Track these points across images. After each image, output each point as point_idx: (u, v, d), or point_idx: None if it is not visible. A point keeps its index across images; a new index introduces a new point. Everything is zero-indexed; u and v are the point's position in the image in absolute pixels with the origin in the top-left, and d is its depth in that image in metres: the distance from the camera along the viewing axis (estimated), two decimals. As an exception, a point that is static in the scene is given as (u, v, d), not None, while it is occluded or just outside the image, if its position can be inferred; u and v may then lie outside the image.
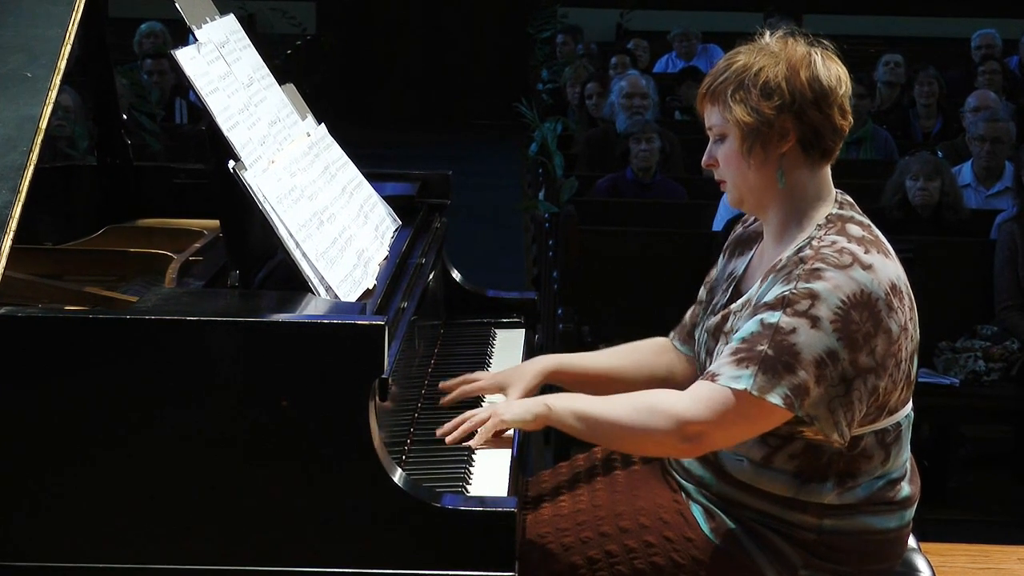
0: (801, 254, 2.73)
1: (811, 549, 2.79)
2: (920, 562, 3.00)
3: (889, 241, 2.84)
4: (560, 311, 6.29)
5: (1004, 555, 4.00)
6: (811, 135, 2.78)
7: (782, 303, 2.68)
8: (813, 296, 2.66)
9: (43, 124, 2.90)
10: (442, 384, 3.20)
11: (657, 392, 2.84)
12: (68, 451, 2.63)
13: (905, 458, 2.87)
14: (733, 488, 2.82)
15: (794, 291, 2.67)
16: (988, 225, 6.67)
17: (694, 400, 2.72)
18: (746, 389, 2.67)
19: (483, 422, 2.91)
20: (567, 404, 2.85)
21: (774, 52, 2.79)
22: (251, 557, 2.64)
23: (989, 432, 6.73)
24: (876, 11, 14.41)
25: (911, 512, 2.87)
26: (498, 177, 12.79)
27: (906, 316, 2.75)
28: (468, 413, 2.96)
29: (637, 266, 6.40)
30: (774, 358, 2.66)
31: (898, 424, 2.81)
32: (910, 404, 2.85)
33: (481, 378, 3.19)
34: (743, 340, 2.71)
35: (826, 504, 2.78)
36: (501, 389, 3.14)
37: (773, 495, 2.79)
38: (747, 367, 2.68)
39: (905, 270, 2.81)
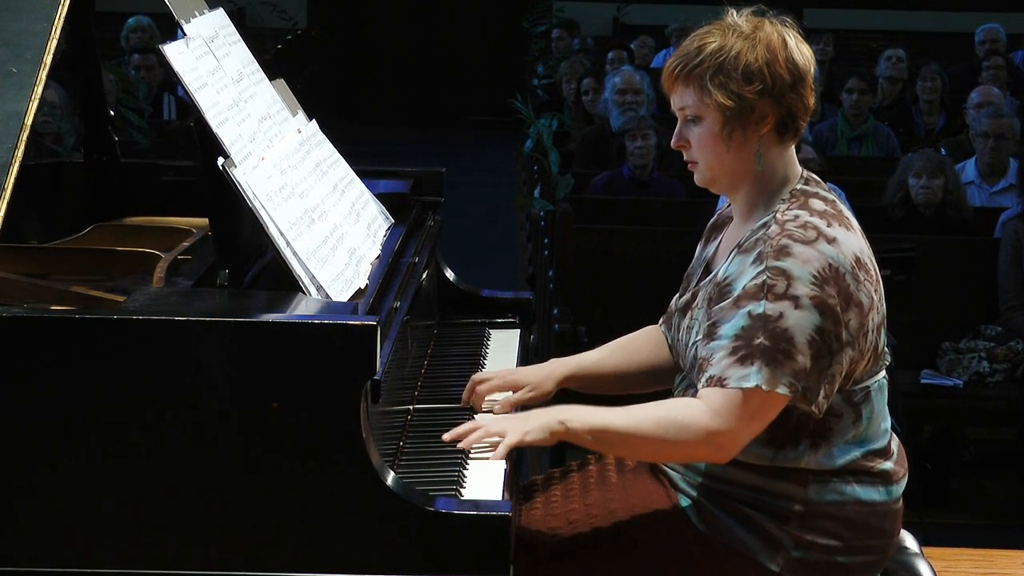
0: (767, 230, 2.77)
1: (800, 525, 2.80)
2: (923, 567, 3.00)
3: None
4: (556, 311, 6.27)
5: (1009, 560, 3.97)
6: (788, 117, 2.83)
7: (761, 289, 2.71)
8: (787, 275, 2.70)
9: (28, 120, 2.90)
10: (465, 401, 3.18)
11: (675, 404, 2.84)
12: (53, 454, 2.60)
13: (884, 429, 2.89)
14: (722, 464, 2.82)
15: (768, 274, 2.71)
16: (992, 223, 6.67)
17: (714, 411, 2.72)
18: (757, 386, 2.69)
19: (498, 433, 2.86)
20: (583, 419, 2.81)
21: (748, 34, 2.82)
22: (240, 562, 2.61)
23: (993, 434, 6.74)
24: (878, 5, 14.40)
25: (898, 489, 2.89)
26: (492, 174, 12.80)
27: (873, 288, 2.78)
28: (480, 420, 2.94)
29: (634, 265, 6.37)
30: (772, 348, 2.69)
31: (866, 387, 2.84)
32: (882, 373, 2.88)
33: (492, 377, 3.19)
34: (737, 336, 2.72)
35: (804, 469, 2.80)
36: (516, 388, 3.14)
37: (755, 465, 2.80)
38: (751, 363, 2.70)
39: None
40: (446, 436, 2.90)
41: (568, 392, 3.20)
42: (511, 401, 3.13)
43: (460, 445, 2.88)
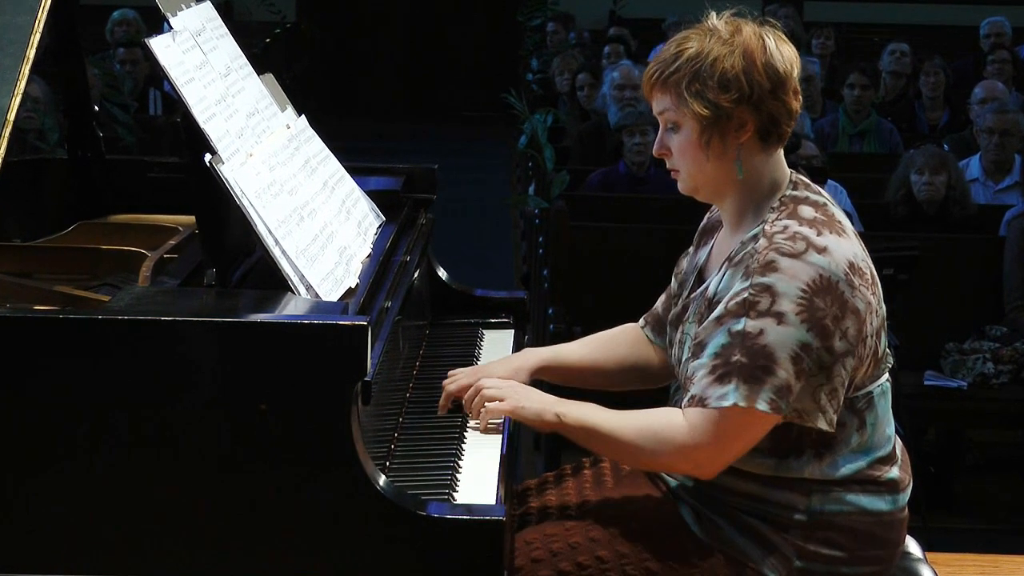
0: (755, 244, 2.74)
1: (803, 535, 2.77)
2: (926, 572, 2.97)
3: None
4: (550, 310, 6.25)
5: (1015, 565, 3.93)
6: (769, 123, 2.79)
7: (743, 307, 2.68)
8: (771, 291, 2.67)
9: (11, 116, 2.90)
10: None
11: (658, 416, 2.80)
12: (36, 457, 2.59)
13: (888, 436, 2.86)
14: (721, 473, 2.79)
15: (752, 291, 2.68)
16: (997, 221, 6.64)
17: (693, 428, 2.71)
18: (735, 404, 2.67)
19: (496, 397, 2.90)
20: (578, 415, 2.83)
21: (726, 39, 2.78)
22: (228, 567, 2.60)
23: (998, 437, 6.71)
24: (881, -2, 14.38)
25: (903, 497, 2.86)
26: (486, 171, 12.80)
27: (869, 292, 2.75)
28: (482, 383, 2.95)
29: (630, 263, 6.32)
30: (750, 365, 2.66)
31: (869, 393, 2.81)
32: (885, 376, 2.85)
33: (460, 376, 3.14)
34: (716, 355, 2.70)
35: (808, 479, 2.77)
36: None
37: (757, 475, 2.78)
38: (729, 382, 2.68)
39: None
40: (448, 391, 2.98)
41: (542, 383, 3.16)
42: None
43: (467, 411, 2.93)
